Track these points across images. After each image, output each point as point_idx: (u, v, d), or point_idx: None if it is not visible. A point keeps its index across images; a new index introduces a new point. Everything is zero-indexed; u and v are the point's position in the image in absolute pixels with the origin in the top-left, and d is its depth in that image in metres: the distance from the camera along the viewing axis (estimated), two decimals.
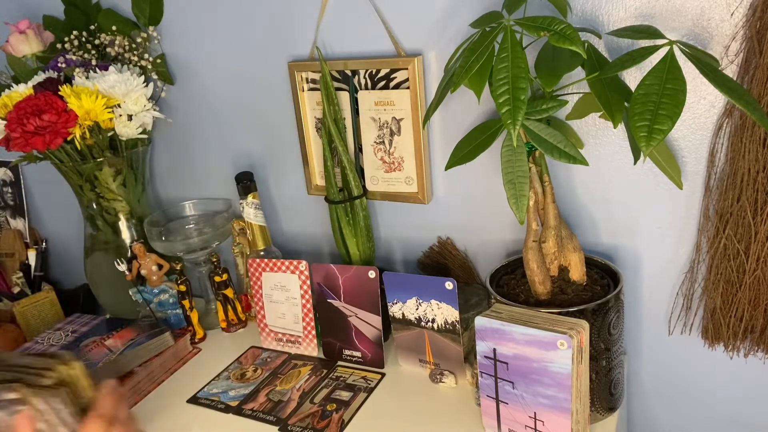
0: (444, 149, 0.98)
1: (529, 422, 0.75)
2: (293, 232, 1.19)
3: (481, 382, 0.77)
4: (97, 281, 1.20)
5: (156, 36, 1.11)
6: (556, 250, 0.81)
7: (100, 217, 1.14)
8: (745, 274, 0.81)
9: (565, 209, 0.92)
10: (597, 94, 0.68)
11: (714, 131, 0.80)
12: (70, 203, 1.19)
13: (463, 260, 1.04)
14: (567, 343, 0.67)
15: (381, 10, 0.93)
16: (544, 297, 0.80)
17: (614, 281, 0.81)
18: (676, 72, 0.61)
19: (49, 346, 1.09)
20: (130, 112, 1.03)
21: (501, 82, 0.65)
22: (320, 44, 0.99)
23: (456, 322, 0.87)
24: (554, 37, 0.64)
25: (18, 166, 1.43)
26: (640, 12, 0.78)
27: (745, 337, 0.86)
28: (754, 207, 0.78)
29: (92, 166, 1.06)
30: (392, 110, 0.97)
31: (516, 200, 0.70)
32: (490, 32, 0.67)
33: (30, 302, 1.23)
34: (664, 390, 0.98)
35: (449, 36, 0.90)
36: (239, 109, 1.13)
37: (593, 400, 0.80)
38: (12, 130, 0.97)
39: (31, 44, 1.11)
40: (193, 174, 1.24)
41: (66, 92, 0.98)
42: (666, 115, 0.60)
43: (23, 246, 1.43)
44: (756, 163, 0.76)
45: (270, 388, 0.95)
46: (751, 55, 0.73)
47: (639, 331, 0.96)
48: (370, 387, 0.92)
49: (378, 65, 0.94)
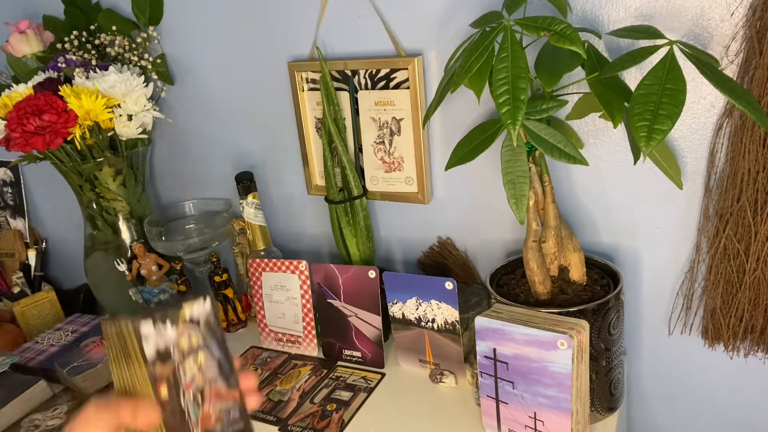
0: (444, 149, 0.98)
1: (529, 422, 0.75)
2: (293, 232, 1.19)
3: (481, 382, 0.77)
4: (97, 281, 1.20)
5: (156, 36, 1.11)
6: (556, 250, 0.81)
7: (100, 217, 1.14)
8: (745, 274, 0.81)
9: (565, 209, 0.92)
10: (597, 94, 0.68)
11: (714, 131, 0.80)
12: (70, 203, 1.19)
13: (463, 260, 1.04)
14: (567, 343, 0.67)
15: (381, 10, 0.93)
16: (544, 297, 0.80)
17: (614, 281, 0.81)
18: (676, 72, 0.61)
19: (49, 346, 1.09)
20: (130, 112, 1.03)
21: (501, 82, 0.65)
22: (320, 44, 0.99)
23: (456, 322, 0.87)
24: (554, 37, 0.64)
25: (18, 166, 1.43)
26: (640, 12, 0.78)
27: (745, 337, 0.86)
28: (754, 207, 0.78)
29: (92, 166, 1.06)
30: (392, 110, 0.97)
31: (516, 200, 0.70)
32: (490, 32, 0.67)
33: (30, 302, 1.23)
34: (664, 390, 0.98)
35: (449, 36, 0.90)
36: (239, 109, 1.13)
37: (593, 400, 0.80)
38: (12, 130, 0.97)
39: (31, 44, 1.11)
40: (193, 174, 1.24)
41: (66, 92, 0.98)
42: (666, 115, 0.60)
43: (23, 246, 1.43)
44: (756, 163, 0.76)
45: (270, 388, 0.95)
46: (751, 55, 0.73)
47: (639, 331, 0.96)
48: (370, 387, 0.92)
49: (378, 65, 0.94)
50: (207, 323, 0.48)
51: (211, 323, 0.48)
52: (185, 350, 0.47)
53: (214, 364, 0.49)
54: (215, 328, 0.49)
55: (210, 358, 0.48)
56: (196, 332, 0.48)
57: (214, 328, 0.49)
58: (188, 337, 0.47)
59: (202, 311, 0.48)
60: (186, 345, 0.47)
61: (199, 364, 0.48)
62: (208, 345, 0.48)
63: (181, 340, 0.47)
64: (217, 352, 0.49)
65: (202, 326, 0.48)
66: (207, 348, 0.48)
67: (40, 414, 0.93)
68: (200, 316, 0.48)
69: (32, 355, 1.07)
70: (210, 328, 0.48)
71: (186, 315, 0.47)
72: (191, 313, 0.48)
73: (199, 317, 0.48)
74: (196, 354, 0.48)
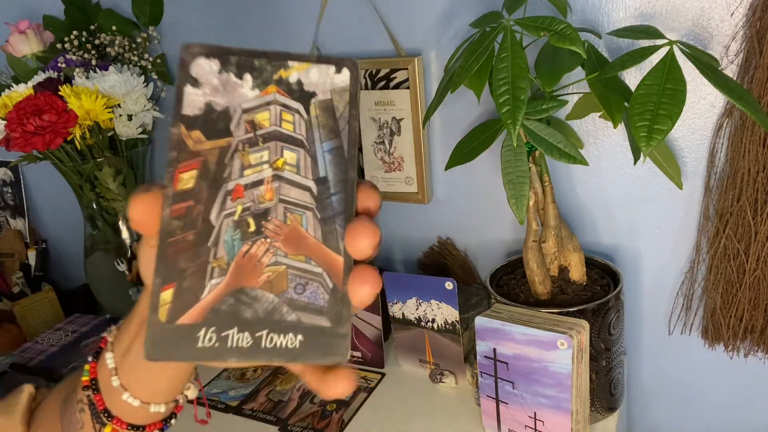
0: (444, 149, 0.98)
1: (529, 422, 0.75)
2: None
3: (481, 382, 0.77)
4: (97, 281, 1.20)
5: (156, 36, 1.11)
6: (556, 250, 0.81)
7: (100, 217, 1.14)
8: (745, 274, 0.81)
9: (565, 209, 0.92)
10: (597, 94, 0.68)
11: (714, 131, 0.80)
12: (70, 203, 1.19)
13: (463, 260, 1.04)
14: (567, 343, 0.67)
15: (381, 10, 0.93)
16: (544, 297, 0.80)
17: (614, 281, 0.81)
18: (676, 72, 0.61)
19: (49, 346, 1.09)
20: (130, 112, 1.03)
21: (501, 82, 0.65)
22: (320, 44, 0.99)
23: (456, 322, 0.87)
24: (554, 37, 0.64)
25: (18, 166, 1.43)
26: (640, 12, 0.78)
27: (745, 337, 0.86)
28: (754, 207, 0.78)
29: (92, 166, 1.06)
30: (392, 110, 0.97)
31: (516, 200, 0.70)
32: (490, 32, 0.67)
33: (30, 302, 1.23)
34: (664, 390, 0.98)
35: (449, 36, 0.90)
36: None
37: (593, 400, 0.80)
38: (12, 130, 0.97)
39: (31, 44, 1.11)
40: None
41: (66, 92, 0.98)
42: (666, 115, 0.60)
43: (23, 246, 1.43)
44: (756, 163, 0.76)
45: (270, 388, 0.95)
46: (751, 55, 0.73)
47: (639, 331, 0.96)
48: (370, 387, 0.92)
49: (378, 65, 0.94)
50: (327, 107, 0.28)
51: (336, 109, 0.28)
52: (260, 132, 0.27)
53: (307, 183, 0.27)
54: (342, 124, 0.28)
55: (306, 167, 0.27)
56: (294, 112, 0.28)
57: (338, 122, 0.28)
58: (276, 113, 0.27)
59: (325, 81, 0.28)
60: (267, 124, 0.27)
61: (276, 165, 0.27)
62: (312, 144, 0.28)
63: (260, 113, 0.27)
64: (325, 165, 0.27)
65: (314, 106, 0.28)
66: (306, 147, 0.27)
67: None
68: (319, 89, 0.28)
69: (32, 355, 1.07)
70: (330, 117, 0.28)
71: (290, 77, 0.27)
72: (302, 77, 0.28)
73: (317, 89, 0.28)
74: (280, 148, 0.27)
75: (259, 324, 0.26)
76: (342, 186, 0.27)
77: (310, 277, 0.27)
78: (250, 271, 0.26)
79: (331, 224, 0.27)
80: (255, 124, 0.27)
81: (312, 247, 0.27)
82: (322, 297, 0.27)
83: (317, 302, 0.26)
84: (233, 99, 0.27)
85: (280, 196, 0.27)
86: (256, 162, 0.27)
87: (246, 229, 0.27)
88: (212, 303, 0.26)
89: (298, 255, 0.27)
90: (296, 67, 0.27)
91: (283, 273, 0.26)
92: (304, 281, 0.27)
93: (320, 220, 0.27)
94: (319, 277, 0.27)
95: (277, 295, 0.26)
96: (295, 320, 0.26)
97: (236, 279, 0.26)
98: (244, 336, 0.26)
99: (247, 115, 0.27)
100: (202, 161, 0.27)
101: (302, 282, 0.27)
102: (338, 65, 0.28)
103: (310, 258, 0.27)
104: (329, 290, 0.26)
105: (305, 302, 0.26)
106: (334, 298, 0.26)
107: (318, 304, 0.26)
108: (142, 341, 0.30)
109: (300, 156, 0.27)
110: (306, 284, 0.27)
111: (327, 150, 0.27)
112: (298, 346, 0.26)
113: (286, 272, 0.27)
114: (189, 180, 0.26)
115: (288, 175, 0.27)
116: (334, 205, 0.27)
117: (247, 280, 0.26)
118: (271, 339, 0.26)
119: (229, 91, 0.27)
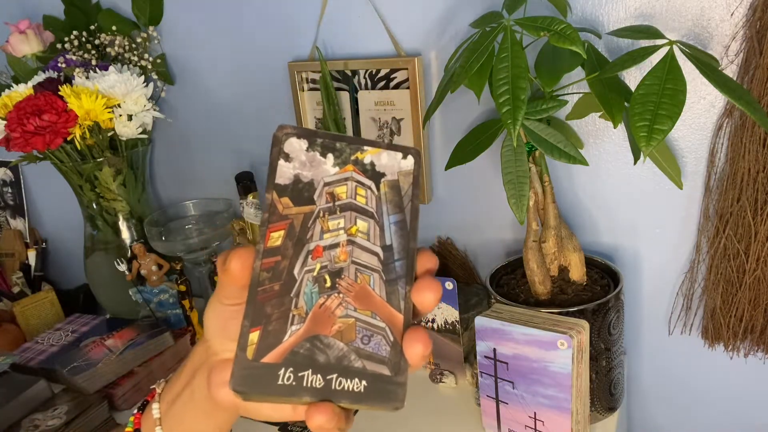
0: (444, 149, 0.98)
1: (529, 422, 0.75)
2: None
3: (481, 382, 0.77)
4: (97, 281, 1.20)
5: (156, 36, 1.11)
6: (556, 250, 0.81)
7: (100, 217, 1.14)
8: (745, 274, 0.81)
9: (565, 209, 0.92)
10: (597, 94, 0.68)
11: (714, 131, 0.80)
12: (70, 203, 1.19)
13: (463, 260, 1.04)
14: (567, 343, 0.67)
15: (381, 10, 0.93)
16: (544, 297, 0.80)
17: (614, 281, 0.81)
18: (676, 72, 0.61)
19: (49, 346, 1.09)
20: (130, 112, 1.03)
21: (501, 82, 0.65)
22: (320, 44, 0.99)
23: (456, 322, 0.87)
24: (554, 37, 0.64)
25: (18, 166, 1.43)
26: (640, 12, 0.78)
27: (745, 337, 0.86)
28: (754, 207, 0.78)
29: (92, 166, 1.06)
30: (392, 110, 0.97)
31: (516, 200, 0.70)
32: (490, 32, 0.67)
33: (30, 302, 1.23)
34: (664, 390, 0.98)
35: (449, 36, 0.90)
36: (239, 109, 1.13)
37: (593, 400, 0.80)
38: (12, 130, 0.97)
39: (31, 44, 1.11)
40: (193, 174, 1.24)
41: (66, 92, 0.98)
42: (666, 115, 0.60)
43: (23, 246, 1.43)
44: (756, 163, 0.76)
45: None
46: (751, 55, 0.73)
47: (639, 331, 0.96)
48: None
49: (378, 65, 0.94)
50: (394, 186, 0.33)
51: (401, 189, 0.33)
52: (338, 203, 0.32)
53: (376, 249, 0.32)
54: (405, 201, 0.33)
55: (375, 235, 0.32)
56: (367, 188, 0.32)
57: (402, 199, 0.33)
58: (352, 188, 0.32)
59: (393, 165, 0.33)
60: (344, 196, 0.32)
61: (351, 231, 0.32)
62: (381, 216, 0.32)
63: (339, 187, 0.32)
64: (390, 235, 0.32)
65: (384, 185, 0.33)
66: (376, 219, 0.32)
67: (40, 414, 0.93)
68: (388, 170, 0.33)
69: (32, 355, 1.07)
70: (396, 195, 0.33)
71: (365, 159, 0.33)
72: (375, 160, 0.33)
73: (386, 171, 0.33)
74: (354, 218, 0.32)
75: (330, 368, 0.30)
76: (404, 254, 0.32)
77: (375, 330, 0.31)
78: (325, 321, 0.30)
79: (394, 285, 0.31)
80: (334, 196, 0.32)
81: (378, 304, 0.31)
82: (384, 348, 0.30)
83: (380, 353, 0.30)
84: (317, 173, 0.32)
85: (352, 258, 0.32)
86: (333, 228, 0.32)
87: (323, 284, 0.31)
88: (292, 346, 0.30)
89: (366, 310, 0.31)
90: (370, 151, 0.33)
91: (353, 325, 0.31)
92: (370, 333, 0.31)
93: (385, 281, 0.31)
94: (382, 330, 0.31)
95: (347, 344, 0.30)
96: (360, 367, 0.30)
97: (313, 327, 0.30)
98: (317, 378, 0.29)
99: (328, 188, 0.32)
100: (289, 223, 0.31)
101: (368, 334, 0.31)
102: (404, 152, 0.33)
103: (376, 313, 0.31)
104: (391, 343, 0.30)
105: (370, 352, 0.30)
106: (395, 350, 0.30)
107: (381, 355, 0.30)
108: (193, 388, 0.36)
109: (370, 225, 0.32)
110: (371, 336, 0.31)
111: (393, 222, 0.32)
112: (363, 391, 0.30)
113: (354, 324, 0.31)
114: (278, 239, 0.31)
115: (360, 241, 0.32)
116: (398, 269, 0.31)
117: (321, 328, 0.30)
118: (340, 382, 0.30)
119: (315, 166, 0.32)
